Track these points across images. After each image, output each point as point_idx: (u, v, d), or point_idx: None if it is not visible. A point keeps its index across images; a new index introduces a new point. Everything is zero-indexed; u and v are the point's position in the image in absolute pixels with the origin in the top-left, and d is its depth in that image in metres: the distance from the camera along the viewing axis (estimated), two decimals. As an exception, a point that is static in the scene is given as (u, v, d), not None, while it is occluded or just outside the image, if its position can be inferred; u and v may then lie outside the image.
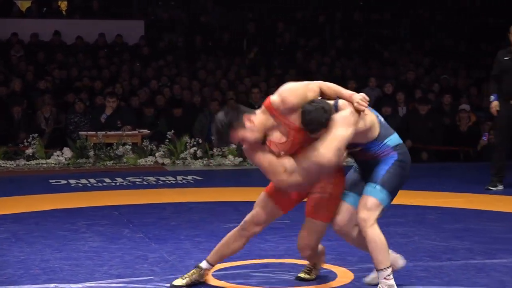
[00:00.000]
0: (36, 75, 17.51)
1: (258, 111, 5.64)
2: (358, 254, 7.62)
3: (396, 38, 21.96)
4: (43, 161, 14.15)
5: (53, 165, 14.07)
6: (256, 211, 6.23)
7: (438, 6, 23.47)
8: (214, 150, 14.30)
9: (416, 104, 15.72)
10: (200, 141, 14.51)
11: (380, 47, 21.18)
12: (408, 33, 22.41)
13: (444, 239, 8.33)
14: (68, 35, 20.03)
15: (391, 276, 5.87)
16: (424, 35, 22.02)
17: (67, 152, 14.22)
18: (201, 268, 6.20)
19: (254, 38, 20.48)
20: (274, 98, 5.56)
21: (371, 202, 5.77)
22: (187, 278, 6.11)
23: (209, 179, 12.62)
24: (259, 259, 7.41)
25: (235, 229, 6.27)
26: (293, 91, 5.55)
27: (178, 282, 6.10)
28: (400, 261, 6.21)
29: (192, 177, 12.64)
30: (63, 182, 12.37)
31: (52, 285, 6.41)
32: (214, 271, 6.91)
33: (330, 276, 6.86)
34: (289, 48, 20.30)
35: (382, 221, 8.84)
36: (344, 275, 6.85)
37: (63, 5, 22.57)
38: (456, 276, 6.90)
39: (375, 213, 5.81)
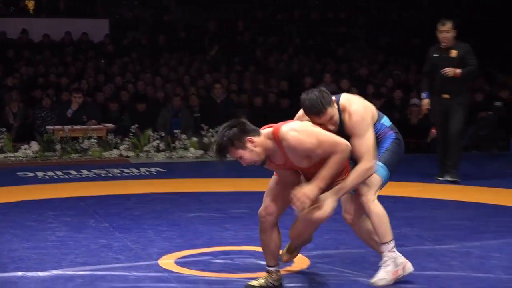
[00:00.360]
0: (5, 72, 17.39)
1: (263, 132, 5.58)
2: (314, 241, 7.66)
3: (351, 36, 22.02)
4: (11, 154, 14.06)
5: (21, 158, 13.98)
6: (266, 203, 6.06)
7: (391, 5, 23.59)
8: (176, 143, 14.31)
9: (370, 99, 15.76)
10: (163, 134, 14.52)
11: (335, 44, 21.24)
12: (362, 31, 22.48)
13: (395, 227, 8.31)
14: (35, 33, 19.96)
15: (395, 249, 6.02)
16: (378, 32, 22.11)
17: (35, 145, 14.14)
18: (271, 272, 5.98)
19: (215, 37, 20.46)
20: (284, 132, 5.47)
21: (374, 178, 5.82)
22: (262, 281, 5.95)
23: (171, 171, 12.61)
24: (220, 246, 7.43)
25: (259, 229, 6.10)
26: (303, 143, 5.43)
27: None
28: (409, 265, 6.15)
29: (155, 169, 12.63)
30: (31, 174, 12.31)
31: (20, 273, 6.40)
32: (177, 259, 6.93)
33: (287, 263, 6.88)
34: (248, 45, 20.31)
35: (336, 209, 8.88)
36: (300, 261, 6.89)
37: (30, 5, 22.40)
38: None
39: (375, 189, 5.87)
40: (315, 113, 5.71)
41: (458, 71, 10.66)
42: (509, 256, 7.13)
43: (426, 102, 11.10)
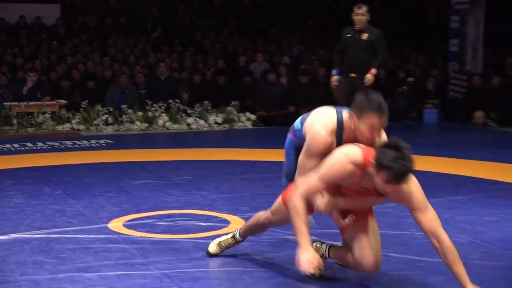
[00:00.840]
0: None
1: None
2: (249, 204, 7.69)
3: (281, 18, 21.98)
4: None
5: (-20, 132, 13.79)
6: (273, 217, 5.41)
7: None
8: (123, 117, 14.24)
9: (298, 75, 15.86)
10: (111, 109, 14.43)
11: (266, 26, 21.21)
12: (292, 13, 22.37)
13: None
14: (-8, 17, 19.66)
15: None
16: (306, 15, 22.04)
17: (-9, 120, 13.98)
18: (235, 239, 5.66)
19: (157, 20, 20.29)
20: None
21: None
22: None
23: (119, 142, 12.53)
24: (163, 210, 7.43)
25: (262, 217, 5.51)
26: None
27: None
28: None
29: (104, 141, 12.54)
30: (-10, 147, 12.17)
31: (-20, 237, 6.34)
32: (125, 222, 6.92)
33: (224, 224, 6.91)
34: (188, 28, 20.21)
35: (262, 177, 9.00)
36: (236, 222, 6.91)
37: (-13, -9, 22.03)
38: (331, 220, 7.02)
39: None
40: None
41: (373, 72, 10.69)
42: (421, 215, 7.23)
43: (335, 78, 11.03)
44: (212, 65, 17.09)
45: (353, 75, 10.71)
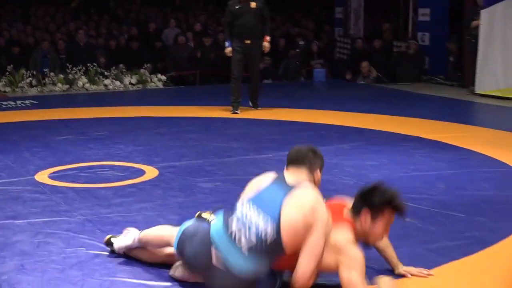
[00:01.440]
0: None
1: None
2: (161, 155, 7.68)
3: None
4: None
5: None
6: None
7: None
8: (46, 80, 13.95)
9: (203, 38, 15.83)
10: (35, 73, 14.10)
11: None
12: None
13: (225, 142, 8.50)
14: None
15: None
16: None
17: None
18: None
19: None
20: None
21: None
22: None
23: (42, 102, 12.23)
24: (85, 162, 7.36)
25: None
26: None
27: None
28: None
29: (29, 101, 12.24)
30: None
31: None
32: (50, 174, 6.81)
33: (140, 173, 6.89)
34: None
35: (173, 130, 8.96)
36: (150, 171, 6.92)
37: None
38: (235, 168, 7.08)
39: None
40: None
41: (268, 39, 10.61)
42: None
43: (228, 50, 10.74)
44: (125, 32, 16.84)
45: (247, 41, 10.47)
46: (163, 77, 14.75)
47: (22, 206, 5.71)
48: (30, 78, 13.92)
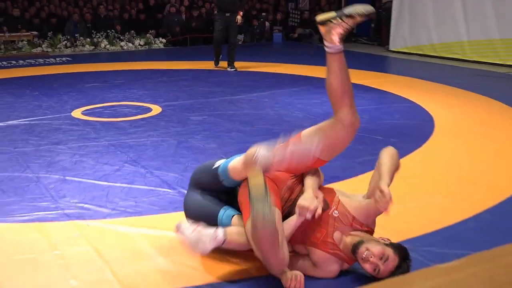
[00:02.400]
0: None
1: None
2: (163, 97, 7.60)
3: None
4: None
5: (-22, 54, 12.95)
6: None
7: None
8: (77, 42, 13.66)
9: (191, 10, 15.50)
10: (68, 37, 13.79)
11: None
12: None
13: (209, 87, 8.44)
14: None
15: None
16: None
17: (-13, 46, 13.15)
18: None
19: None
20: None
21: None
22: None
23: (75, 59, 12.00)
24: (108, 103, 7.28)
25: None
26: None
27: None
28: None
29: (65, 59, 12.02)
30: (-14, 64, 11.49)
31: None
32: (82, 111, 6.73)
33: (148, 110, 6.84)
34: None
35: (172, 79, 8.82)
36: (156, 109, 6.87)
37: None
38: (217, 106, 7.05)
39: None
40: None
41: (241, 13, 9.97)
42: (273, 100, 7.34)
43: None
44: (135, 7, 16.44)
45: (228, 14, 10.00)
46: (163, 40, 14.53)
47: (62, 135, 5.65)
48: (65, 41, 13.67)
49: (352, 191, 3.05)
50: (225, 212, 2.88)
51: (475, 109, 6.77)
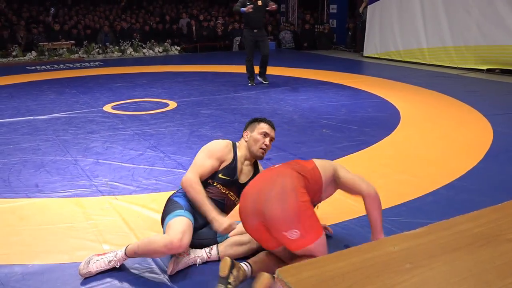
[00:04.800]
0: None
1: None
2: (178, 94, 7.54)
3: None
4: (22, 57, 12.85)
5: (27, 59, 12.79)
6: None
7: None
8: (107, 50, 13.58)
9: (202, 23, 15.35)
10: (100, 45, 13.71)
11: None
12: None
13: (216, 86, 8.37)
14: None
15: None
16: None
17: (34, 53, 13.00)
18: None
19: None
20: None
21: None
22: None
23: (106, 64, 11.92)
24: (133, 99, 7.22)
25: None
26: None
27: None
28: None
29: (98, 63, 11.93)
30: (33, 68, 11.35)
31: (31, 117, 6.01)
32: (112, 106, 6.68)
33: (166, 105, 6.79)
34: (140, -1, 19.08)
35: (186, 80, 8.66)
36: (172, 104, 6.82)
37: None
38: (222, 102, 6.98)
39: None
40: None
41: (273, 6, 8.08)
42: (268, 97, 7.25)
43: (250, 7, 7.90)
44: (153, 21, 16.31)
45: (255, 30, 8.07)
46: (178, 48, 14.44)
47: (95, 125, 5.61)
48: (98, 49, 13.57)
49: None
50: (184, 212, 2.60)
51: (433, 103, 6.74)
